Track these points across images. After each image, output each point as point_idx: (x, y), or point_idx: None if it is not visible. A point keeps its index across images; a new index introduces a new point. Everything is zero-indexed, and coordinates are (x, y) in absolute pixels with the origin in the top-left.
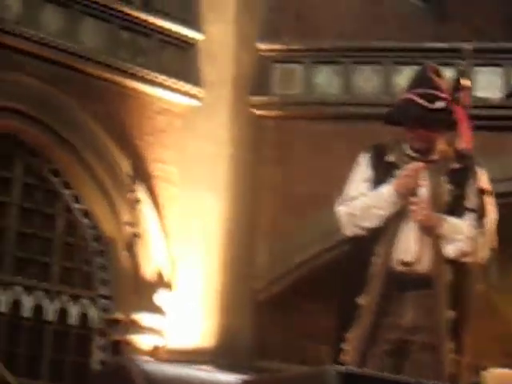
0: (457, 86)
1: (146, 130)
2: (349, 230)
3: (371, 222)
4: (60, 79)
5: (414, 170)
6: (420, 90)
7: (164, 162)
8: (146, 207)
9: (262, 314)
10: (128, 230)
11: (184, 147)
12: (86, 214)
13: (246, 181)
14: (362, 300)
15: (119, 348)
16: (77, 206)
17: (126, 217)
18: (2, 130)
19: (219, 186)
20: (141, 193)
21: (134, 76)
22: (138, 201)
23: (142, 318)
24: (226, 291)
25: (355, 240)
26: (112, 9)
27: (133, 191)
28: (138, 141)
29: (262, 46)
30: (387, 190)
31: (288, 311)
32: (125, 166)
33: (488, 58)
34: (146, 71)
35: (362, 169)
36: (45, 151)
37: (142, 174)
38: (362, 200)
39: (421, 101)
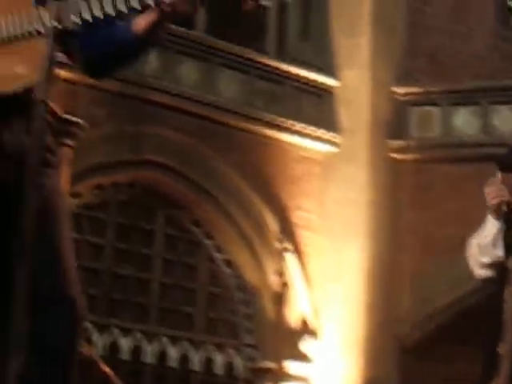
0: None
1: (285, 178)
2: (475, 271)
3: (488, 258)
4: (199, 131)
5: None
6: None
7: (304, 210)
8: (288, 255)
9: (406, 360)
10: (273, 279)
11: (323, 194)
12: (229, 263)
13: (386, 225)
14: (500, 349)
15: None
16: (219, 255)
17: (269, 265)
18: (145, 182)
19: (360, 232)
20: (283, 241)
21: (271, 125)
22: (285, 250)
23: (289, 366)
24: (370, 337)
25: (487, 282)
26: (248, 59)
27: (278, 240)
28: (278, 189)
29: (398, 89)
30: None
31: (433, 357)
32: (266, 214)
33: None
34: (283, 119)
35: None
36: (186, 202)
37: (283, 223)
38: (478, 237)
39: None
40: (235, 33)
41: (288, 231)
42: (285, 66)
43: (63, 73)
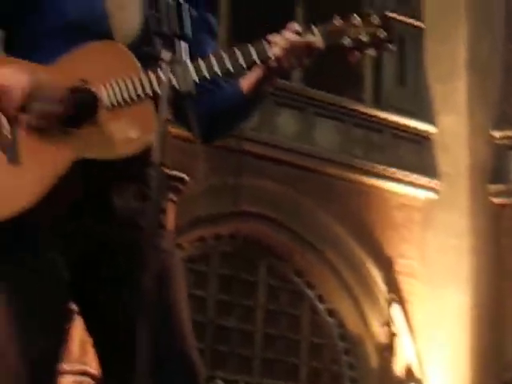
0: None
1: (385, 226)
2: None
3: None
4: (299, 181)
5: None
6: None
7: (405, 257)
8: (392, 304)
9: None
10: (377, 328)
11: (424, 241)
12: (331, 313)
13: (488, 271)
14: None
15: None
16: (321, 305)
17: (372, 314)
18: (246, 234)
19: (461, 278)
20: (387, 290)
21: (369, 173)
22: (389, 300)
23: None
24: None
25: None
26: (344, 108)
27: (382, 289)
28: (379, 237)
29: (496, 133)
30: None
31: None
32: (368, 263)
33: None
34: (381, 167)
35: None
36: (288, 253)
37: (385, 271)
38: None
39: None
40: (331, 82)
41: (390, 279)
42: (382, 114)
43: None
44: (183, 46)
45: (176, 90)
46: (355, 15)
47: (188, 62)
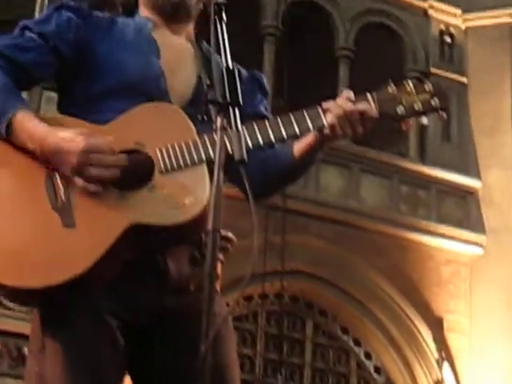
0: None
1: (432, 281)
2: None
3: None
4: (344, 238)
5: None
6: None
7: (453, 313)
8: (441, 361)
9: None
10: None
11: (472, 296)
12: (379, 370)
13: None
14: None
15: None
16: (369, 362)
17: (420, 370)
18: (293, 291)
19: (510, 333)
20: (432, 345)
21: (416, 229)
22: (442, 358)
23: None
24: None
25: None
26: (389, 164)
27: (431, 346)
28: (425, 293)
29: None
30: None
31: None
32: (415, 319)
33: None
34: (427, 223)
35: None
36: (334, 310)
37: (432, 326)
38: None
39: None
40: (375, 138)
41: (438, 336)
42: (427, 169)
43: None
44: (236, 114)
45: (229, 156)
46: (409, 81)
47: (241, 129)
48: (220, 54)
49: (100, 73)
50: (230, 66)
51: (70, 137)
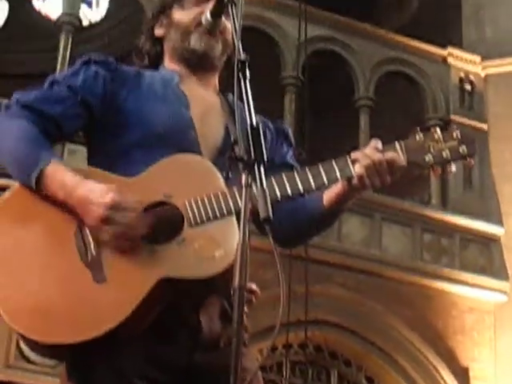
0: None
1: (456, 329)
2: None
3: None
4: (367, 287)
5: None
6: None
7: (477, 361)
8: None
9: None
10: None
11: (497, 344)
12: None
13: None
14: None
15: None
16: None
17: None
18: (317, 341)
19: None
20: None
21: (438, 277)
22: None
23: None
24: None
25: None
26: (412, 213)
27: None
28: (449, 340)
29: None
30: None
31: None
32: (440, 367)
33: None
34: (450, 271)
35: None
36: (358, 359)
37: (457, 375)
38: None
39: None
40: (397, 186)
41: (461, 382)
42: (449, 217)
43: None
44: (261, 171)
45: (256, 213)
46: (437, 129)
47: (266, 187)
48: (244, 111)
49: (129, 125)
50: (255, 123)
51: (98, 190)
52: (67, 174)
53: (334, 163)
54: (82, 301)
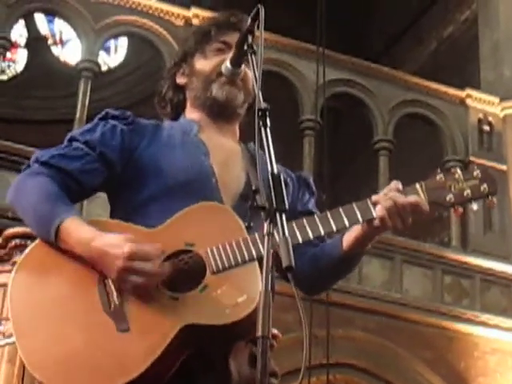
0: None
1: (478, 371)
2: None
3: None
4: (388, 329)
5: None
6: None
7: None
8: None
9: None
10: None
11: None
12: None
13: None
14: None
15: None
16: None
17: None
18: None
19: None
20: None
21: (460, 318)
22: None
23: None
24: None
25: None
26: (432, 254)
27: None
28: (471, 382)
29: None
30: None
31: None
32: None
33: None
34: (471, 313)
35: None
36: None
37: None
38: None
39: None
40: (417, 228)
41: None
42: (470, 259)
43: None
44: (283, 220)
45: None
46: (457, 169)
47: (288, 236)
48: (265, 159)
49: (148, 176)
50: (276, 172)
51: (115, 242)
52: (83, 228)
53: (354, 206)
54: (105, 351)
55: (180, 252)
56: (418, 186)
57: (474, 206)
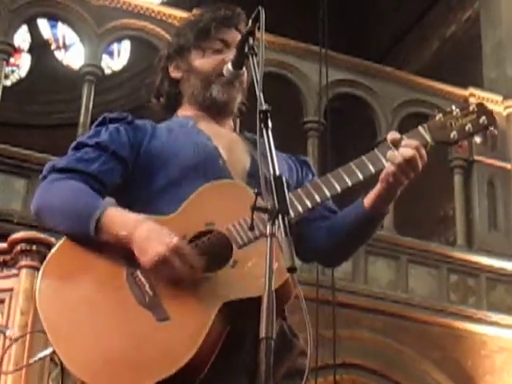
0: None
1: (485, 370)
2: None
3: None
4: (394, 329)
5: None
6: None
7: None
8: None
9: None
10: None
11: None
12: None
13: None
14: None
15: None
16: None
17: None
18: None
19: None
20: None
21: (466, 317)
22: None
23: None
24: None
25: None
26: (437, 254)
27: None
28: (479, 381)
29: None
30: None
31: None
32: None
33: None
34: (477, 311)
35: None
36: None
37: None
38: None
39: None
40: (422, 228)
41: None
42: (475, 258)
43: None
44: (286, 222)
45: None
46: (453, 107)
47: (290, 237)
48: (267, 161)
49: (157, 168)
50: (278, 174)
51: (165, 231)
52: (126, 212)
53: (364, 158)
54: (148, 343)
55: (201, 233)
56: (421, 128)
57: (478, 139)
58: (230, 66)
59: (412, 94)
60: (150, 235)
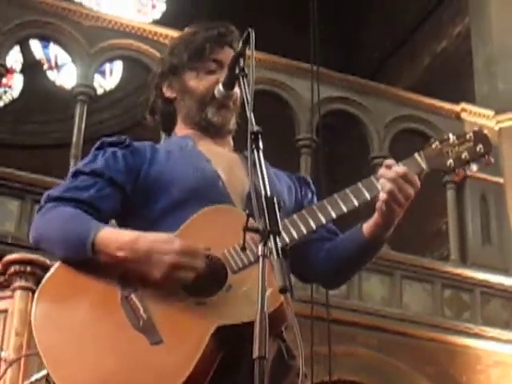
0: None
1: None
2: None
3: None
4: (389, 345)
5: None
6: None
7: None
8: None
9: None
10: None
11: None
12: None
13: None
14: None
15: None
16: None
17: None
18: None
19: None
20: None
21: (461, 332)
22: None
23: None
24: None
25: None
26: (431, 269)
27: None
28: None
29: None
30: None
31: None
32: None
33: None
34: (472, 326)
35: None
36: None
37: None
38: None
39: None
40: (415, 244)
41: None
42: (469, 272)
43: None
44: (277, 242)
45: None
46: (450, 134)
47: (282, 258)
48: (258, 182)
49: (157, 192)
50: (269, 195)
51: (163, 238)
52: (123, 233)
53: (360, 185)
54: (142, 367)
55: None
56: (417, 156)
57: (474, 167)
58: (221, 87)
59: (404, 110)
60: (154, 248)
